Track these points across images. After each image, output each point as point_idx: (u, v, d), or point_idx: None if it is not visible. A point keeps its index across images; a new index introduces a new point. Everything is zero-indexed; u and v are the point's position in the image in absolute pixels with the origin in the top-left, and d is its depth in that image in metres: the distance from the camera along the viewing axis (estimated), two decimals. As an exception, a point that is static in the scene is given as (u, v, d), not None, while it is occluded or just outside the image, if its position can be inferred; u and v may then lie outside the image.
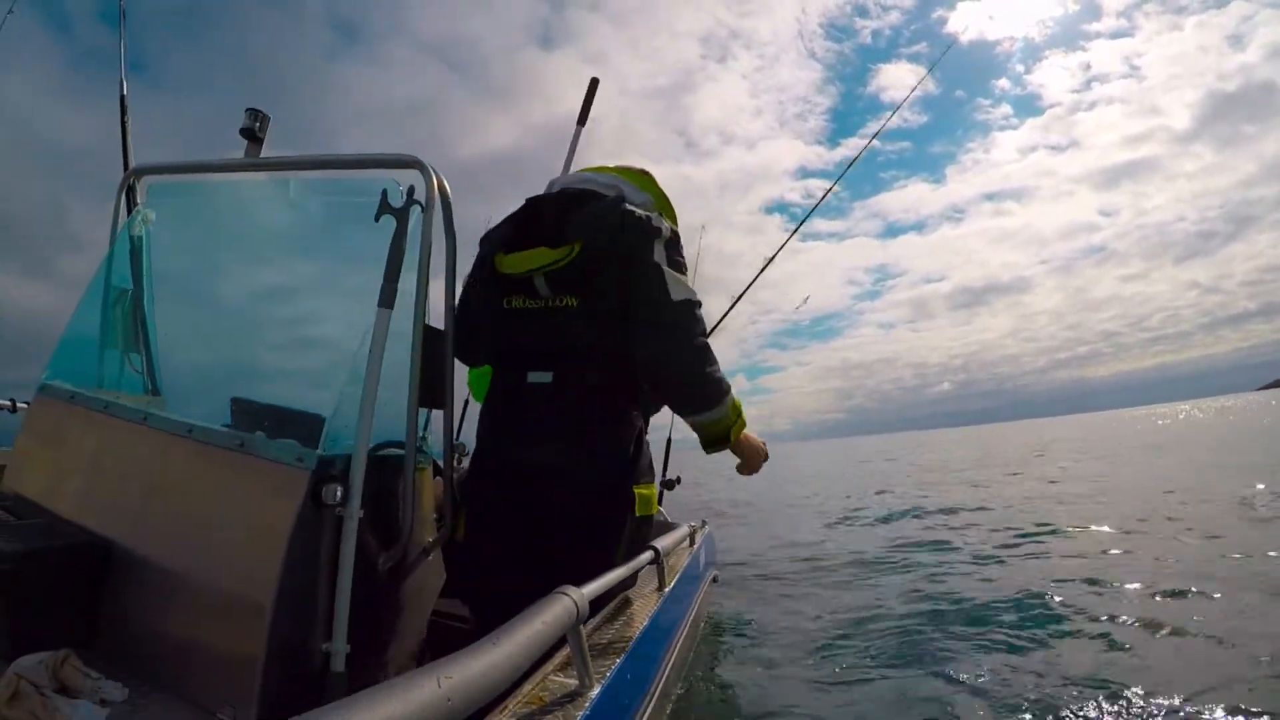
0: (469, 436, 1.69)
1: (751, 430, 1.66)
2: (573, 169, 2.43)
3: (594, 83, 2.32)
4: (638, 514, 1.49)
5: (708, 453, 1.58)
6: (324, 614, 1.15)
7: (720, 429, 1.53)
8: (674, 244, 1.60)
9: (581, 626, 0.87)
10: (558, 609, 0.78)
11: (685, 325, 1.46)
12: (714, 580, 3.15)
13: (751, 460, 1.68)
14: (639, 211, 1.54)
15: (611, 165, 1.80)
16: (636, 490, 1.50)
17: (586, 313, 1.51)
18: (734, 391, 1.53)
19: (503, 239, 1.61)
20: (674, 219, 1.73)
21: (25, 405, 1.66)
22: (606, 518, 1.47)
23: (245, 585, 1.13)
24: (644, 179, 1.74)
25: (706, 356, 1.47)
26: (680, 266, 1.58)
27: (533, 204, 1.67)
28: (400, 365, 1.26)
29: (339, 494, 1.14)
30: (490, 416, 1.59)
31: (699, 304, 1.50)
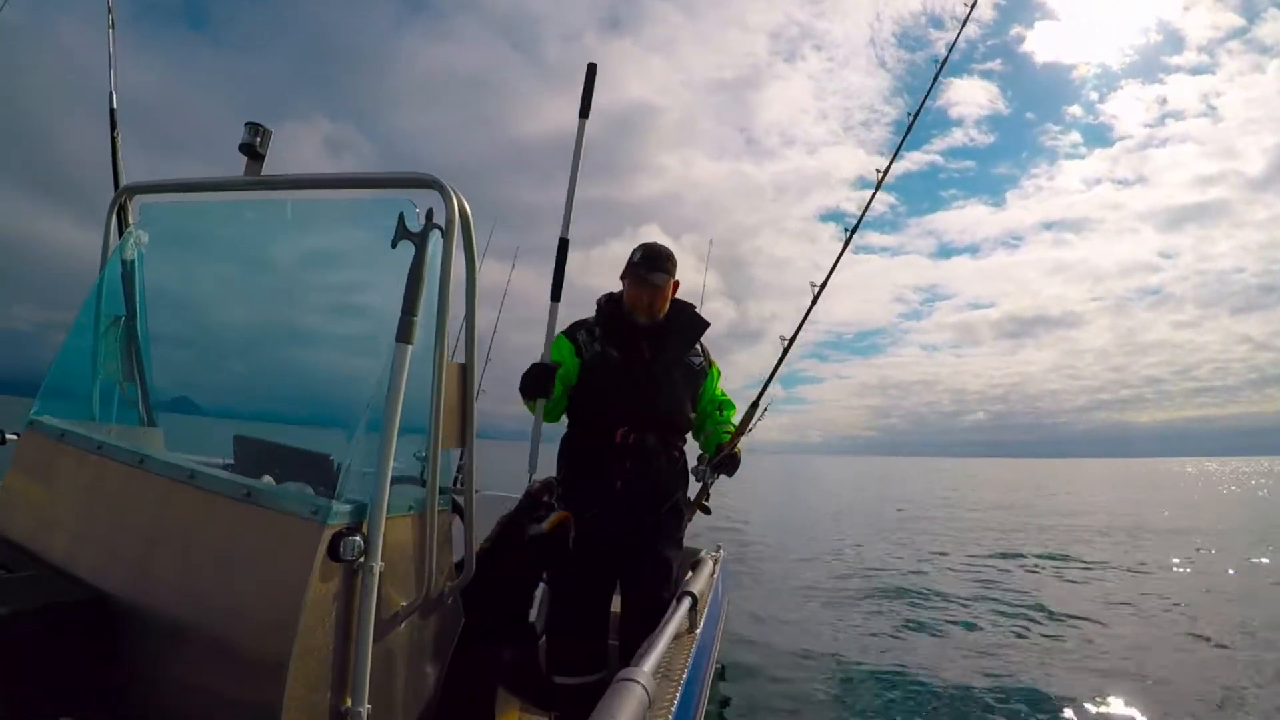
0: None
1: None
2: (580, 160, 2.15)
3: (591, 69, 2.09)
4: None
5: None
6: (342, 671, 1.07)
7: None
8: None
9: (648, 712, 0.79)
10: (633, 703, 0.70)
11: None
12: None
13: None
14: None
15: None
16: None
17: None
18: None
19: None
20: None
21: (15, 437, 1.55)
22: None
23: (259, 645, 1.04)
24: None
25: None
26: None
27: None
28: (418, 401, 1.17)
29: (358, 547, 1.05)
30: None
31: None
